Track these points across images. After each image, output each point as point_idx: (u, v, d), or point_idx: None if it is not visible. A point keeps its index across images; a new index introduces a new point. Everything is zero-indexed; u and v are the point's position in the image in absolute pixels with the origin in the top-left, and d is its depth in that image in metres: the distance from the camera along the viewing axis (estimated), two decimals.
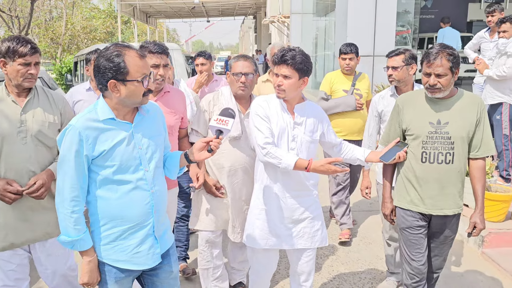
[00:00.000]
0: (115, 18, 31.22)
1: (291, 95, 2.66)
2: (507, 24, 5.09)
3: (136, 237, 2.14)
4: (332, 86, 4.54)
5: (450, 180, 2.69)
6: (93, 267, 2.09)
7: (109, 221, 2.09)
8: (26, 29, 19.89)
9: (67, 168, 2.00)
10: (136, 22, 29.22)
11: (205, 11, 32.42)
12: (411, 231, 2.81)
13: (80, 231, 2.03)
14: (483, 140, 2.66)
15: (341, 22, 8.16)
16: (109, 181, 2.07)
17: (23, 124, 2.57)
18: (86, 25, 30.84)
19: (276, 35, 22.80)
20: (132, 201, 2.10)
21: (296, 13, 15.48)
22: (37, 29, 29.52)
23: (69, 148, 1.99)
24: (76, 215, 2.01)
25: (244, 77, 3.02)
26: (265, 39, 30.53)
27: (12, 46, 2.52)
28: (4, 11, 21.55)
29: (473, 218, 2.71)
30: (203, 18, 38.56)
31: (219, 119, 2.35)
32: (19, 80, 2.56)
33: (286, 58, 2.57)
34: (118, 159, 2.06)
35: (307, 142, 2.71)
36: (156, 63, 2.98)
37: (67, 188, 2.00)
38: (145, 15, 31.76)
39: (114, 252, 2.12)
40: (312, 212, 2.82)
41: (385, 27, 7.89)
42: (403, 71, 3.36)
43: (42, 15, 30.97)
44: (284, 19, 19.00)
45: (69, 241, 2.03)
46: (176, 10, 31.22)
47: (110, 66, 1.98)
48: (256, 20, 34.70)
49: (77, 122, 2.02)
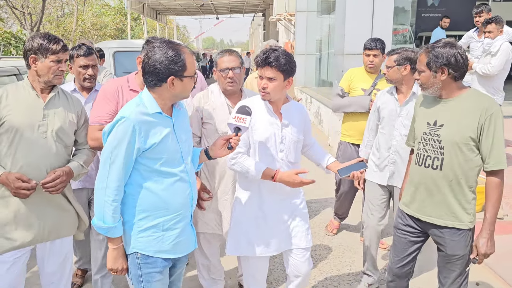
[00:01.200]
0: (125, 15, 31.59)
1: (276, 97, 2.63)
2: (492, 25, 5.29)
3: (178, 227, 2.22)
4: (351, 83, 4.28)
5: (438, 187, 2.51)
6: (117, 254, 2.15)
7: (154, 212, 2.14)
8: (38, 26, 20.28)
9: (116, 158, 2.03)
10: (145, 19, 29.47)
11: (214, 8, 32.59)
12: (397, 232, 2.79)
13: (116, 219, 2.08)
14: (492, 151, 2.36)
15: (340, 20, 8.34)
16: (156, 173, 2.13)
17: (45, 118, 2.57)
18: (97, 22, 31.24)
19: (283, 33, 22.92)
20: (176, 192, 2.18)
21: (301, 11, 15.64)
22: (49, 25, 29.98)
23: (121, 139, 2.03)
24: (116, 203, 2.07)
25: (231, 72, 2.96)
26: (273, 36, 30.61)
27: (44, 43, 2.52)
28: (17, 8, 21.97)
29: (475, 241, 2.47)
30: (212, 15, 38.77)
31: (237, 117, 2.38)
32: (50, 77, 2.56)
33: (270, 60, 2.52)
34: (165, 152, 2.13)
35: (294, 143, 2.70)
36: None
37: (113, 177, 2.04)
38: (154, 12, 32.02)
39: (157, 242, 2.17)
40: (301, 211, 2.80)
41: (382, 26, 8.02)
42: (394, 71, 3.35)
43: (54, 12, 31.44)
44: (290, 17, 19.15)
45: (105, 228, 2.07)
46: (186, 7, 31.42)
47: (173, 63, 2.07)
48: (265, 18, 34.83)
49: (131, 114, 2.05)
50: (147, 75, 2.11)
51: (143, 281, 2.19)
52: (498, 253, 4.17)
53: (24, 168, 2.50)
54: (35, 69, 2.56)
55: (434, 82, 2.45)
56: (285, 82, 2.60)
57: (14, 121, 2.48)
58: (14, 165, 2.50)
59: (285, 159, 2.68)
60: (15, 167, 2.50)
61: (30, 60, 2.56)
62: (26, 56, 2.57)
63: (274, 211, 2.71)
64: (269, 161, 2.65)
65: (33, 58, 2.55)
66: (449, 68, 2.39)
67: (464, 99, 2.44)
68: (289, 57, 2.58)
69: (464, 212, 2.50)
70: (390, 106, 3.42)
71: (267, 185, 2.66)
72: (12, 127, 2.48)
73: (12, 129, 2.48)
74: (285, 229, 2.75)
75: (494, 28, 5.27)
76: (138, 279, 2.19)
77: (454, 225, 2.51)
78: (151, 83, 2.12)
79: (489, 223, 2.41)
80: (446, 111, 2.48)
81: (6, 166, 2.49)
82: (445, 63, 2.39)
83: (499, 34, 5.27)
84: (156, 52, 2.08)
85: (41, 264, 2.75)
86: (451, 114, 2.46)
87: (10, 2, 20.63)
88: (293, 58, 2.63)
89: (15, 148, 2.49)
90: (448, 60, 2.38)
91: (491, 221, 2.41)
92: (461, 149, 2.41)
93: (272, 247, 2.73)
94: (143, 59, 2.14)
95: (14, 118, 2.48)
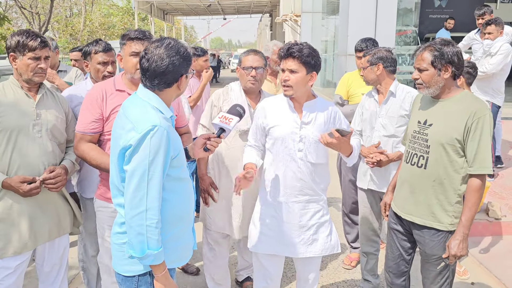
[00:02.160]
0: (132, 15, 31.80)
1: (299, 92, 2.53)
2: (492, 26, 5.30)
3: (188, 232, 2.11)
4: (350, 89, 3.97)
5: (421, 186, 2.51)
6: (167, 277, 1.94)
7: (173, 221, 1.98)
8: (46, 25, 20.48)
9: (154, 173, 1.82)
10: (153, 19, 29.65)
11: (221, 8, 32.71)
12: (389, 231, 2.79)
13: (160, 241, 1.86)
14: (477, 154, 2.33)
15: (343, 21, 8.37)
16: (175, 182, 1.97)
17: (38, 117, 2.53)
18: (104, 22, 31.52)
19: (290, 33, 22.97)
20: (187, 197, 2.06)
21: (306, 12, 15.70)
22: (57, 25, 30.26)
23: (157, 151, 1.81)
24: (160, 225, 1.85)
25: (254, 71, 2.96)
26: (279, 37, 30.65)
27: (21, 40, 2.44)
28: (26, 8, 22.20)
29: (448, 241, 2.44)
30: (220, 15, 38.91)
31: (223, 117, 2.29)
32: (29, 75, 2.50)
33: (293, 51, 2.45)
34: (182, 156, 2.02)
35: (316, 142, 2.57)
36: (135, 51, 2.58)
37: (154, 194, 1.82)
38: (162, 12, 32.20)
39: (173, 253, 2.01)
40: (320, 218, 2.69)
41: (386, 27, 8.04)
42: (368, 72, 3.29)
43: (63, 12, 31.73)
44: (296, 17, 19.20)
45: (154, 255, 1.84)
46: (193, 7, 31.56)
47: (186, 59, 1.97)
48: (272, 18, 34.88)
49: (160, 121, 1.85)
50: (157, 78, 1.91)
51: None
52: (494, 253, 4.23)
53: (21, 168, 2.48)
54: (15, 67, 2.51)
55: (438, 81, 2.42)
56: (308, 76, 2.51)
57: (8, 122, 2.45)
58: (11, 167, 2.47)
59: (304, 158, 2.59)
60: (13, 168, 2.47)
61: (10, 58, 2.50)
62: (8, 54, 2.51)
63: (289, 214, 2.63)
64: (287, 160, 2.59)
65: (13, 56, 2.49)
66: (452, 66, 2.40)
67: (457, 101, 2.44)
68: (313, 50, 2.50)
69: (445, 214, 2.47)
70: (371, 107, 3.35)
71: (287, 188, 2.61)
72: (6, 129, 2.44)
73: (6, 130, 2.45)
74: (300, 234, 2.65)
75: (493, 29, 5.28)
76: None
77: (433, 226, 2.50)
78: (160, 86, 1.94)
79: (463, 226, 2.38)
80: (438, 111, 2.48)
81: (4, 168, 2.47)
82: (450, 61, 2.39)
83: (499, 35, 5.28)
84: (163, 52, 1.90)
85: (40, 261, 2.76)
86: (440, 114, 2.46)
87: (19, 2, 20.84)
88: (318, 53, 2.53)
89: (11, 149, 2.46)
90: (452, 58, 2.39)
91: (465, 224, 2.38)
92: (446, 149, 2.40)
93: (284, 249, 2.66)
94: (144, 62, 1.94)
95: (7, 119, 2.45)
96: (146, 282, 1.98)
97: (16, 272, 2.56)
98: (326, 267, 4.07)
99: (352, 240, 4.16)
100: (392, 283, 2.86)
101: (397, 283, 2.84)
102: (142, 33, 2.59)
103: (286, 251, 2.68)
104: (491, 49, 5.24)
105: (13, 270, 2.54)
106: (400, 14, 12.47)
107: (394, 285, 2.85)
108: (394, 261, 2.80)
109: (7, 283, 2.54)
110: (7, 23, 13.41)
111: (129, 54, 2.54)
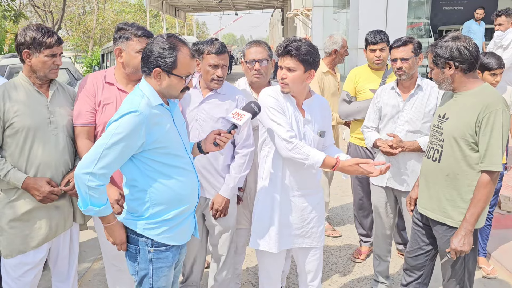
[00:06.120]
0: (144, 12, 31.93)
1: (296, 90, 2.51)
2: (503, 17, 5.23)
3: (186, 217, 2.23)
4: (357, 85, 3.86)
5: (434, 180, 2.51)
6: (114, 227, 2.11)
7: (168, 205, 2.12)
8: (59, 23, 20.70)
9: (114, 147, 1.94)
10: (165, 16, 29.74)
11: (232, 4, 32.71)
12: (412, 225, 2.77)
13: (104, 199, 2.03)
14: (487, 150, 2.30)
15: (354, 14, 8.31)
16: (165, 167, 2.09)
17: (53, 114, 2.52)
18: (117, 19, 31.65)
19: (301, 28, 22.87)
20: (185, 184, 2.17)
21: (318, 6, 15.58)
22: (70, 23, 30.56)
23: (125, 130, 1.94)
24: (102, 187, 1.99)
25: (258, 64, 2.88)
26: (291, 32, 30.57)
27: (38, 37, 2.41)
28: (39, 6, 22.47)
29: (452, 236, 2.42)
30: (231, 11, 38.91)
31: (236, 113, 2.29)
32: (45, 72, 2.48)
33: (290, 49, 2.41)
34: (170, 144, 2.09)
35: (315, 140, 2.60)
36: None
37: (103, 164, 1.94)
38: (173, 9, 32.30)
39: (172, 230, 2.17)
40: (319, 211, 2.71)
41: (397, 20, 7.97)
42: (413, 62, 3.09)
43: (75, 10, 32.02)
44: (307, 12, 19.11)
45: (96, 210, 2.01)
46: (204, 3, 31.60)
47: (161, 55, 2.01)
48: (283, 13, 34.77)
49: (144, 109, 1.99)
50: (142, 62, 2.09)
51: (152, 275, 2.17)
52: (506, 246, 4.18)
53: (41, 167, 2.47)
54: (29, 64, 2.47)
55: (444, 78, 2.43)
56: (305, 75, 2.46)
57: (24, 121, 2.42)
58: (29, 166, 2.46)
59: None
60: (31, 168, 2.46)
61: (24, 55, 2.45)
62: (19, 50, 2.46)
63: (290, 207, 2.64)
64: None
65: (27, 53, 2.44)
66: (454, 62, 2.37)
67: (473, 94, 2.39)
68: (311, 48, 2.45)
69: (456, 210, 2.43)
70: (391, 102, 3.21)
71: (286, 181, 2.60)
72: (22, 128, 2.42)
73: (23, 129, 2.43)
74: (300, 227, 2.66)
75: (504, 20, 5.21)
76: (148, 273, 2.17)
77: (445, 222, 2.48)
78: (143, 70, 2.09)
79: (467, 222, 2.35)
80: (455, 105, 2.45)
81: (22, 168, 2.46)
82: (449, 58, 2.37)
83: (510, 26, 5.20)
84: (154, 41, 2.06)
85: (53, 257, 2.76)
86: (456, 108, 2.44)
87: (33, 1, 21.10)
88: (317, 51, 2.49)
89: (28, 148, 2.45)
90: (452, 54, 2.36)
91: (469, 220, 2.34)
92: (459, 143, 2.38)
93: (284, 242, 2.66)
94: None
95: (23, 118, 2.43)
96: (145, 258, 2.16)
97: (35, 268, 2.59)
98: (336, 260, 4.09)
99: (361, 234, 4.19)
100: (409, 275, 2.80)
101: (416, 277, 2.77)
102: (147, 31, 2.64)
103: (289, 244, 2.68)
104: (502, 40, 5.15)
105: (33, 266, 2.57)
106: (412, 6, 12.32)
107: (409, 284, 2.80)
108: (413, 254, 2.75)
109: (26, 279, 2.57)
110: (23, 19, 13.61)
111: (137, 51, 2.56)
